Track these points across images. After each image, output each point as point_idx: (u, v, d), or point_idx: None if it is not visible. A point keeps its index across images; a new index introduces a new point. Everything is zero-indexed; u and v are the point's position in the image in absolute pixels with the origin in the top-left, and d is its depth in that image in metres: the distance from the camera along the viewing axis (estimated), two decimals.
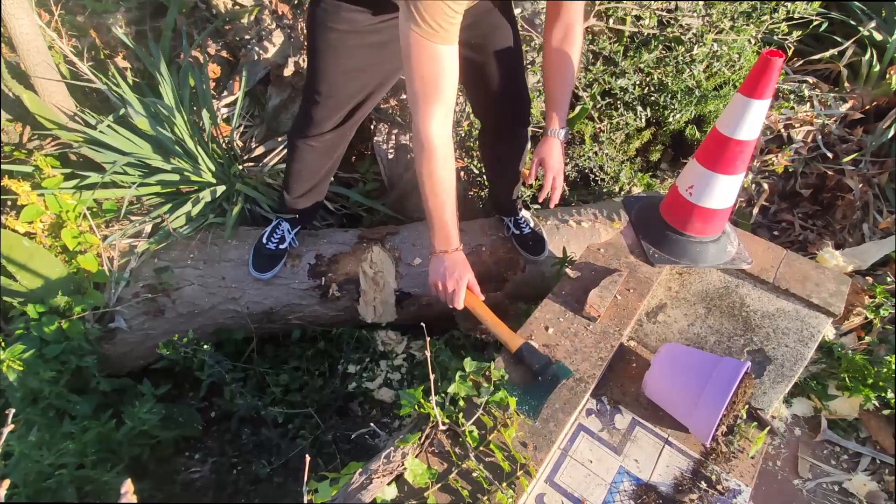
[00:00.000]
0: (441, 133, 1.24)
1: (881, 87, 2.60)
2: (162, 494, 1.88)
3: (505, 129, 1.81)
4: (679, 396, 1.41)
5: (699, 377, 1.33)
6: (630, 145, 2.59)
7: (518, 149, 1.87)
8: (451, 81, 1.20)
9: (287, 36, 2.70)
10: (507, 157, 1.90)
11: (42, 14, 2.43)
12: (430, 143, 1.24)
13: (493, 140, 1.90)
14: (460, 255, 1.39)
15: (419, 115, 1.22)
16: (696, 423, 1.36)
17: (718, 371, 1.31)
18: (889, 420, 1.76)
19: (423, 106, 1.20)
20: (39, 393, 1.76)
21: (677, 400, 1.42)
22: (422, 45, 1.13)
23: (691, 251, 1.49)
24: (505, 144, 1.86)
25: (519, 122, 1.81)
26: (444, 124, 1.24)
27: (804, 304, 1.47)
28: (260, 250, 2.05)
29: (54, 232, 2.02)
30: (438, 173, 1.27)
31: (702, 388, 1.31)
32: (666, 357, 1.45)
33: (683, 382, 1.37)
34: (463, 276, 1.37)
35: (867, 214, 2.43)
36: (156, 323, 2.04)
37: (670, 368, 1.42)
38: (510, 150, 1.87)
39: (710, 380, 1.30)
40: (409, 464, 1.09)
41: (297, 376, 2.18)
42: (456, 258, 1.38)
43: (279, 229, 2.06)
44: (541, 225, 2.20)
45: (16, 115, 2.36)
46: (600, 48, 2.38)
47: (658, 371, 1.44)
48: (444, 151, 1.26)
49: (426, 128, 1.22)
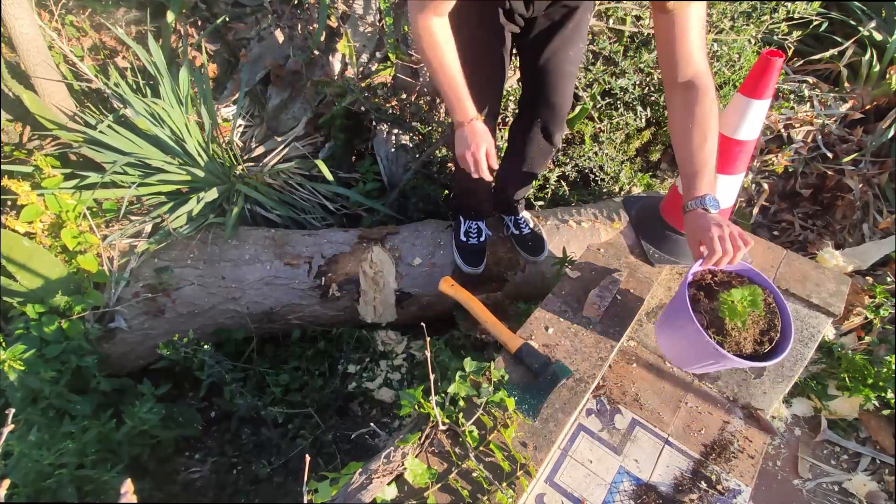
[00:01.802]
0: (436, 22, 1.31)
1: (881, 87, 2.60)
2: (162, 494, 1.88)
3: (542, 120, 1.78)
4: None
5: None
6: (630, 145, 2.59)
7: (545, 150, 1.86)
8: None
9: (287, 35, 2.70)
10: (531, 153, 1.88)
11: (42, 14, 2.43)
12: (427, 30, 1.30)
13: (525, 130, 1.86)
14: (479, 125, 1.42)
15: (417, 13, 1.29)
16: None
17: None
18: (889, 420, 1.76)
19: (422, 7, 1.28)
20: (39, 393, 1.76)
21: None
22: None
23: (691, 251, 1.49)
24: (534, 140, 1.84)
25: (558, 122, 1.78)
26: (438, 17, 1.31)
27: (804, 304, 1.47)
28: (465, 248, 2.11)
29: (54, 232, 2.02)
30: (441, 48, 1.32)
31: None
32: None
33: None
34: (480, 144, 1.40)
35: (867, 214, 2.43)
36: (156, 323, 2.04)
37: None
38: (537, 148, 1.85)
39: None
40: (409, 464, 1.09)
41: (297, 376, 2.18)
42: (475, 127, 1.41)
43: (472, 225, 2.12)
44: (541, 225, 2.20)
45: (16, 115, 2.36)
46: (600, 48, 2.38)
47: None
48: (441, 34, 1.32)
49: (425, 21, 1.29)
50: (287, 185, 2.46)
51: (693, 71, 1.20)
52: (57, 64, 2.26)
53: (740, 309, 1.12)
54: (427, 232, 2.23)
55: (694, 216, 1.19)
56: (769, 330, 1.15)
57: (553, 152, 1.89)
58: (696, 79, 1.20)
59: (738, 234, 1.13)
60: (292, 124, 2.66)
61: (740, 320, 1.13)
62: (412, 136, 2.57)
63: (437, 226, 2.26)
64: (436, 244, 2.18)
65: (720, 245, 1.12)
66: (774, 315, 1.18)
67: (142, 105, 2.16)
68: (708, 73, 1.22)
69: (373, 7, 2.56)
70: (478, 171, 1.43)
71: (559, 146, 1.87)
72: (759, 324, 1.15)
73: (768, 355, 1.13)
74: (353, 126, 2.66)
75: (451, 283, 1.47)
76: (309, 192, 2.49)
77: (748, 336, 1.14)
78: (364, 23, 2.56)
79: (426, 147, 2.53)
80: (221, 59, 2.81)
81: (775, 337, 1.15)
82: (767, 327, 1.15)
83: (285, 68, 2.63)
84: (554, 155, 1.93)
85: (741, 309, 1.12)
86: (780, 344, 1.14)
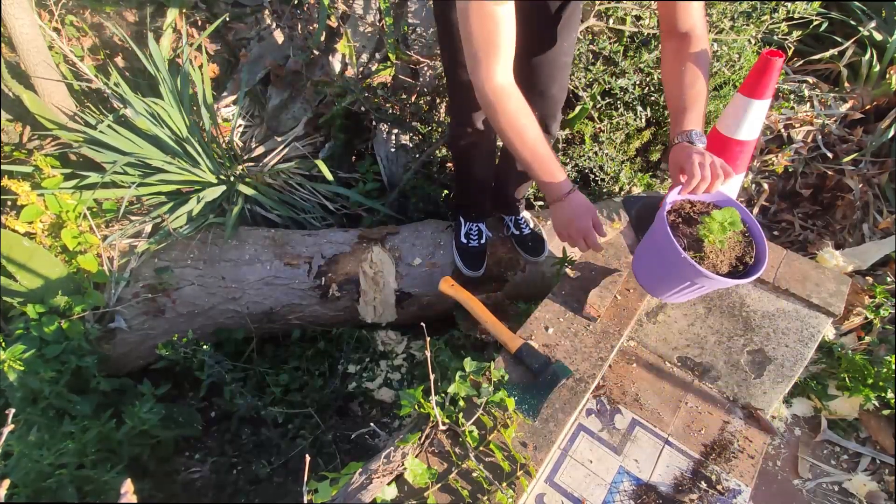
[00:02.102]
0: (506, 82, 1.21)
1: (881, 87, 2.60)
2: (162, 494, 1.88)
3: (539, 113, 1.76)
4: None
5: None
6: (630, 145, 2.59)
7: None
8: (510, 36, 1.19)
9: (287, 35, 2.70)
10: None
11: (42, 14, 2.43)
12: (497, 94, 1.21)
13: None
14: (578, 195, 1.31)
15: (481, 72, 1.19)
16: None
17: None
18: (889, 420, 1.76)
19: (484, 63, 1.19)
20: (39, 393, 1.76)
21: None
22: (481, 6, 1.14)
23: None
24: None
25: (552, 113, 1.77)
26: (506, 73, 1.21)
27: (804, 304, 1.47)
28: (465, 250, 2.09)
29: (54, 232, 2.02)
30: (519, 120, 1.23)
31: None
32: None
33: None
34: (587, 215, 1.29)
35: (867, 214, 2.43)
36: (156, 323, 2.04)
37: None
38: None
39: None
40: (409, 464, 1.09)
41: (297, 376, 2.18)
42: (576, 199, 1.30)
43: (472, 227, 2.10)
44: (541, 225, 2.20)
45: (16, 115, 2.36)
46: (600, 48, 2.38)
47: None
48: (515, 97, 1.23)
49: (490, 81, 1.20)
50: (287, 185, 2.46)
51: (690, 23, 1.24)
52: (57, 64, 2.26)
53: (718, 230, 1.13)
54: (427, 232, 2.23)
55: (679, 148, 1.21)
56: (744, 256, 1.18)
57: (551, 143, 1.88)
58: (693, 30, 1.24)
59: (720, 164, 1.15)
60: (292, 124, 2.66)
61: (719, 241, 1.15)
62: (412, 136, 2.57)
63: (437, 226, 2.26)
64: (436, 244, 2.18)
65: (699, 171, 1.14)
66: (750, 244, 1.20)
67: (142, 105, 2.16)
68: (704, 27, 1.25)
69: (373, 7, 2.56)
70: (590, 247, 1.31)
71: (556, 135, 1.85)
72: (735, 249, 1.18)
73: (744, 275, 1.15)
74: (353, 126, 2.66)
75: (451, 283, 1.47)
76: (309, 192, 2.49)
77: (724, 259, 1.17)
78: (364, 23, 2.56)
79: (426, 147, 2.53)
80: (221, 59, 2.81)
81: (750, 262, 1.17)
82: (743, 253, 1.18)
83: (285, 68, 2.63)
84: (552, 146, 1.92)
85: (719, 230, 1.13)
86: (755, 267, 1.17)
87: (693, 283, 1.17)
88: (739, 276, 1.14)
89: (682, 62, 1.24)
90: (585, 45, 2.39)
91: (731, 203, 1.22)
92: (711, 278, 1.11)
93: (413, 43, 2.52)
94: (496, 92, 1.20)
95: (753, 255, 1.18)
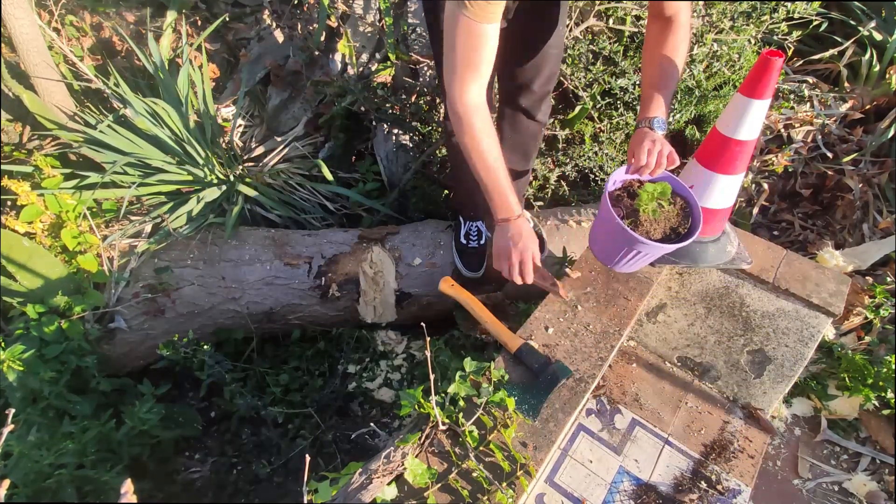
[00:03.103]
0: (478, 102, 1.25)
1: (881, 87, 2.59)
2: (162, 494, 1.88)
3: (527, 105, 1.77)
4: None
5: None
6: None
7: (533, 130, 1.84)
8: (490, 56, 1.22)
9: (287, 35, 2.70)
10: (523, 138, 1.86)
11: (42, 14, 2.43)
12: (467, 111, 1.25)
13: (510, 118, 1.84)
14: (524, 223, 1.36)
15: (455, 87, 1.23)
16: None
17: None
18: (889, 420, 1.76)
19: (461, 78, 1.22)
20: (39, 393, 1.76)
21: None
22: (468, 24, 1.16)
23: (691, 251, 1.49)
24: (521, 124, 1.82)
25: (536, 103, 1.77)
26: (479, 94, 1.25)
27: (804, 304, 1.47)
28: (465, 251, 2.07)
29: (54, 232, 2.02)
30: (482, 140, 1.28)
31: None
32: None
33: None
34: (528, 246, 1.35)
35: (867, 214, 2.43)
36: (156, 323, 2.04)
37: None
38: (526, 130, 1.84)
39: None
40: (409, 464, 1.09)
41: (297, 376, 2.18)
42: (520, 226, 1.35)
43: (472, 226, 2.08)
44: (540, 225, 2.20)
45: (16, 115, 2.37)
46: (600, 48, 2.38)
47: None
48: (483, 117, 1.27)
49: (462, 98, 1.23)
50: (287, 185, 2.46)
51: (675, 9, 1.31)
52: (57, 64, 2.26)
53: (647, 199, 1.26)
54: (427, 232, 2.23)
55: (639, 133, 1.31)
56: (679, 227, 1.29)
57: (542, 130, 1.88)
58: (676, 16, 1.31)
59: (668, 154, 1.26)
60: (292, 124, 2.66)
61: (651, 209, 1.27)
62: (412, 136, 2.57)
63: (437, 226, 2.26)
64: (436, 244, 2.18)
65: (646, 157, 1.25)
66: (688, 217, 1.31)
67: (142, 105, 2.16)
68: (688, 15, 1.33)
69: (373, 7, 2.56)
70: (524, 278, 1.36)
71: (545, 123, 1.86)
72: (671, 220, 1.29)
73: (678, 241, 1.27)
74: (353, 126, 2.66)
75: (451, 283, 1.47)
76: (309, 192, 2.49)
77: (658, 228, 1.28)
78: (364, 23, 2.56)
79: (426, 147, 2.53)
80: (221, 59, 2.81)
81: (683, 232, 1.29)
82: (678, 224, 1.29)
83: (285, 68, 2.63)
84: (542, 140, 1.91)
85: (648, 199, 1.26)
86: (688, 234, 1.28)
87: (631, 248, 1.28)
88: (673, 242, 1.25)
89: (662, 46, 1.33)
90: (585, 45, 2.39)
91: (667, 178, 1.33)
92: (645, 243, 1.22)
93: (413, 43, 2.52)
94: (467, 109, 1.24)
95: (689, 225, 1.29)
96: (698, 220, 1.28)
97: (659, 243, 1.23)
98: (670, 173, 1.33)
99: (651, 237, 1.25)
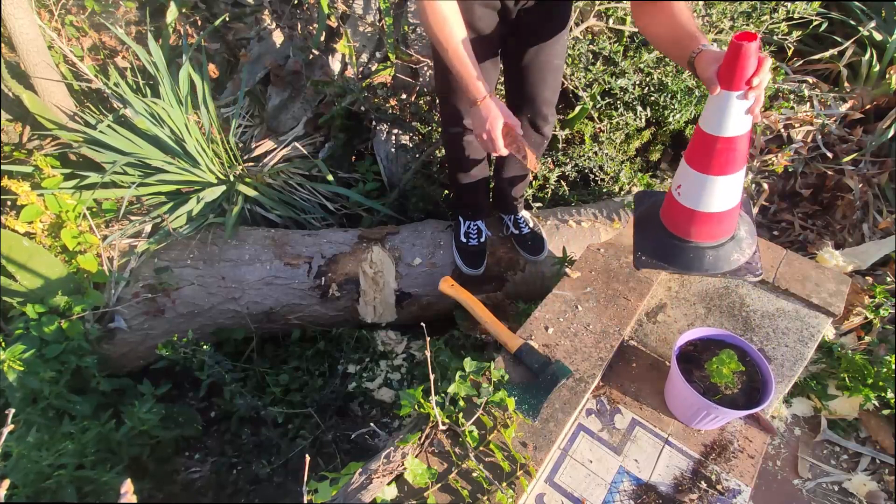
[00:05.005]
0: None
1: (881, 87, 2.60)
2: (162, 494, 1.88)
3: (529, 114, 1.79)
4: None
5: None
6: (630, 145, 2.59)
7: (536, 142, 1.85)
8: None
9: (287, 35, 2.70)
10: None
11: (42, 14, 2.43)
12: (432, 5, 1.30)
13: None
14: (490, 102, 1.40)
15: None
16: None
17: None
18: (889, 420, 1.76)
19: None
20: (39, 393, 1.76)
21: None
22: None
23: (683, 257, 1.38)
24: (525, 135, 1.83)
25: (543, 116, 1.79)
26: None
27: (804, 303, 1.47)
28: (465, 249, 2.10)
29: (54, 232, 2.02)
30: (449, 29, 1.33)
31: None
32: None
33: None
34: (495, 122, 1.39)
35: (867, 214, 2.43)
36: (156, 323, 2.04)
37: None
38: (529, 141, 1.84)
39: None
40: (409, 464, 1.09)
41: (297, 376, 2.18)
42: (487, 105, 1.40)
43: (472, 225, 2.10)
44: (540, 225, 2.20)
45: (16, 115, 2.37)
46: (600, 48, 2.38)
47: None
48: (448, 8, 1.32)
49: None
50: (287, 185, 2.46)
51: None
52: (57, 64, 2.26)
53: (726, 372, 1.37)
54: (427, 232, 2.23)
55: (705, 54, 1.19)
56: (751, 381, 1.40)
57: (545, 142, 1.89)
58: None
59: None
60: (292, 124, 2.66)
61: (728, 380, 1.38)
62: (412, 136, 2.57)
63: (437, 226, 2.26)
64: (436, 244, 2.18)
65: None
66: (755, 368, 1.42)
67: (142, 105, 2.16)
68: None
69: (373, 7, 2.56)
70: (494, 149, 1.42)
71: (549, 136, 1.88)
72: (742, 379, 1.40)
73: (757, 403, 1.35)
74: (353, 126, 2.66)
75: (451, 283, 1.47)
76: (309, 192, 2.49)
77: (736, 390, 1.39)
78: (364, 23, 2.56)
79: (426, 147, 2.53)
80: (221, 59, 2.81)
81: (759, 387, 1.39)
82: (749, 379, 1.40)
83: (285, 68, 2.63)
84: (546, 147, 1.93)
85: (727, 372, 1.37)
86: (764, 392, 1.37)
87: (719, 416, 1.41)
88: (755, 405, 1.34)
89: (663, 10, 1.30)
90: (585, 45, 2.39)
91: (724, 336, 1.46)
92: (732, 413, 1.34)
93: (413, 43, 2.52)
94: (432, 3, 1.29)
95: (759, 378, 1.40)
96: (767, 371, 1.39)
97: (744, 410, 1.33)
98: (730, 332, 1.47)
99: (738, 403, 1.36)
